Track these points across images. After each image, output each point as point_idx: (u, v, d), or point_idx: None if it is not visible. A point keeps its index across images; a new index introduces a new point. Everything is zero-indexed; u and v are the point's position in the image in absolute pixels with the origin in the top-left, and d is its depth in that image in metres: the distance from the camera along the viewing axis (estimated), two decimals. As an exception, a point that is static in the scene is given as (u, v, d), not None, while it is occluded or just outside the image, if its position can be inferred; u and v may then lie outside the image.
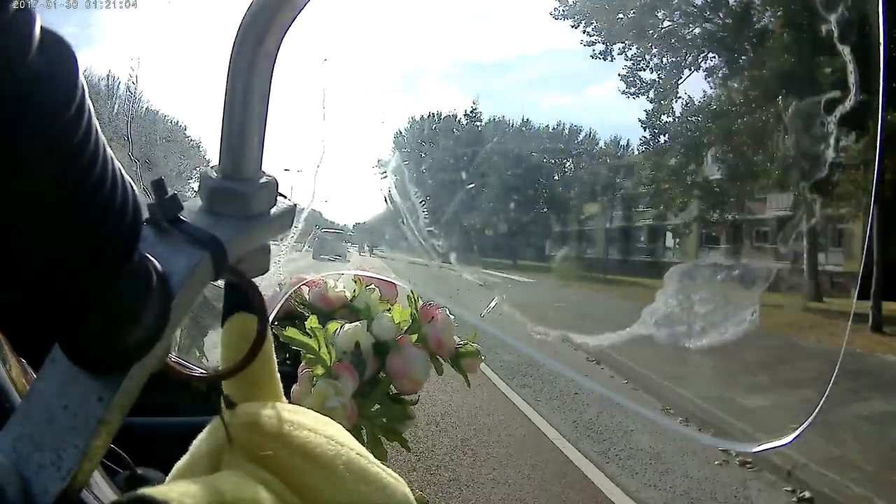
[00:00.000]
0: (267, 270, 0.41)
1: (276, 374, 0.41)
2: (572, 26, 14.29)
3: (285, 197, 0.39)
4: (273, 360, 0.41)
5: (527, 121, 24.77)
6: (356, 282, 0.87)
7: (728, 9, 13.08)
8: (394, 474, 0.39)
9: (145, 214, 0.31)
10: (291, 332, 0.74)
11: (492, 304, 0.95)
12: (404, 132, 24.71)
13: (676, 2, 13.77)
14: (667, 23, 13.99)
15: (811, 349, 6.68)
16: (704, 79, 14.46)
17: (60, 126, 0.23)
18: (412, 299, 0.82)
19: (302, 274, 0.89)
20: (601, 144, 23.37)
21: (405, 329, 0.80)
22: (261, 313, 0.38)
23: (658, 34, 14.03)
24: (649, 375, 5.33)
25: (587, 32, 14.37)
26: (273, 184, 0.38)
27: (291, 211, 0.40)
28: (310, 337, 0.74)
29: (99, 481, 0.38)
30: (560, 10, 14.38)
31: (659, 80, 14.43)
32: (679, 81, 14.35)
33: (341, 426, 0.39)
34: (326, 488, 0.35)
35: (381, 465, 0.38)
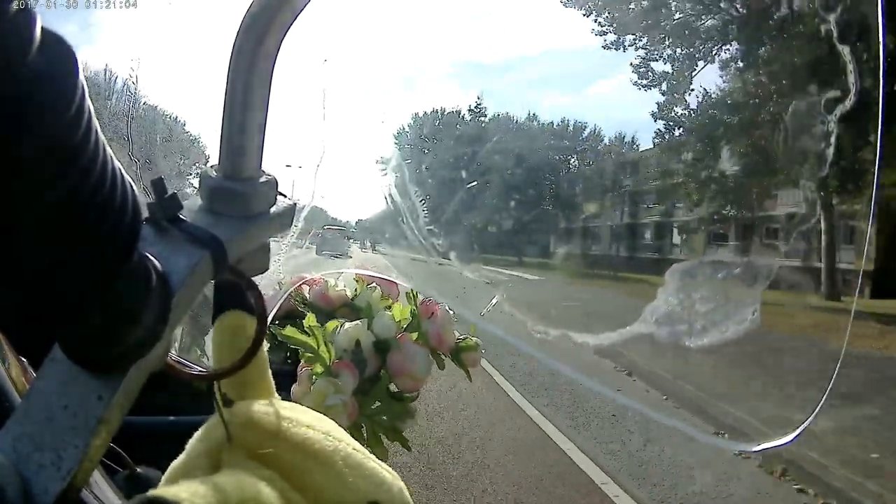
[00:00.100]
0: (267, 269, 0.41)
1: (269, 373, 0.41)
2: (584, 15, 14.08)
3: (285, 196, 0.39)
4: (266, 359, 0.41)
5: (533, 115, 24.57)
6: (357, 280, 0.87)
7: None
8: (390, 469, 0.39)
9: (145, 214, 0.31)
10: (290, 331, 0.74)
11: (493, 303, 0.95)
12: (407, 128, 24.57)
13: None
14: (678, 15, 13.69)
15: (855, 355, 5.83)
16: (720, 70, 14.05)
17: (60, 126, 0.23)
18: (411, 296, 0.82)
19: (304, 271, 0.89)
20: (605, 141, 23.27)
21: (405, 327, 0.80)
22: (260, 312, 0.38)
23: (671, 24, 13.66)
24: (701, 395, 4.62)
25: (598, 22, 14.14)
26: (273, 183, 0.38)
27: (291, 210, 0.40)
28: (308, 335, 0.74)
29: (99, 481, 0.38)
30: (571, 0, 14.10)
31: (673, 72, 14.04)
32: (693, 73, 13.96)
33: (336, 423, 0.40)
34: (326, 484, 0.35)
35: (378, 461, 0.39)
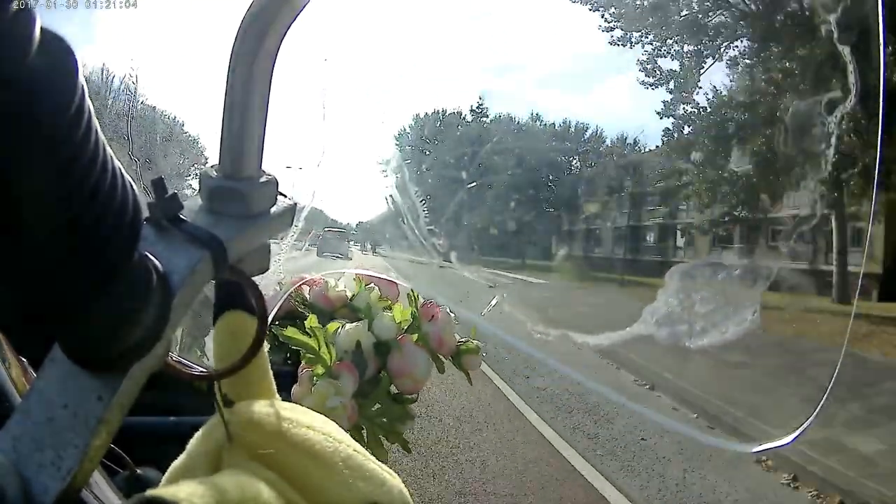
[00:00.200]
0: (267, 269, 0.41)
1: (270, 373, 0.41)
2: (590, 10, 14.05)
3: (285, 196, 0.39)
4: (266, 359, 0.41)
5: (537, 115, 24.43)
6: (357, 281, 0.87)
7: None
8: (390, 471, 0.39)
9: (145, 214, 0.31)
10: (291, 332, 0.74)
11: (492, 303, 0.95)
12: (408, 129, 24.50)
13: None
14: (685, 11, 13.59)
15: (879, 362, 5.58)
16: (727, 69, 13.73)
17: (60, 126, 0.23)
18: (412, 298, 0.82)
19: (304, 272, 0.89)
20: (608, 143, 23.23)
21: (406, 328, 0.80)
22: (261, 312, 0.38)
23: (679, 20, 13.52)
24: (726, 408, 4.36)
25: (605, 18, 14.04)
26: (273, 183, 0.38)
27: (291, 210, 0.40)
28: (309, 336, 0.74)
29: (99, 481, 0.38)
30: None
31: (680, 70, 13.83)
32: (702, 70, 13.73)
33: (337, 424, 0.40)
34: (327, 485, 0.35)
35: (377, 462, 0.39)
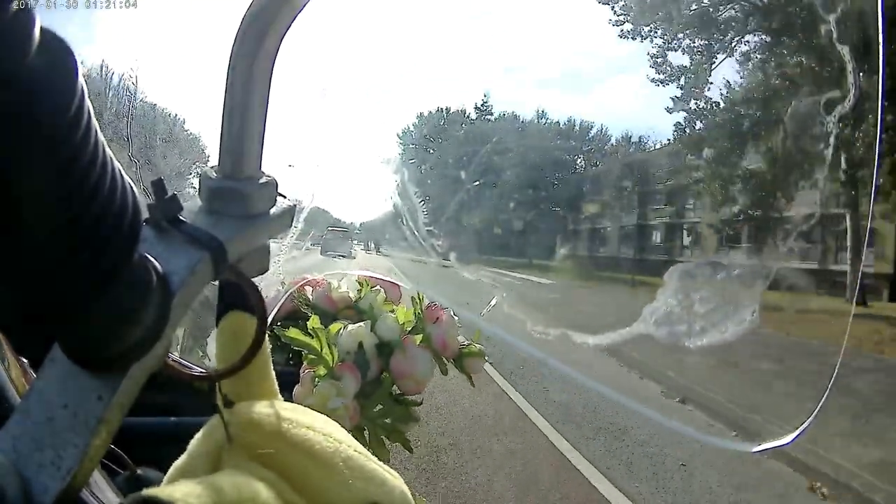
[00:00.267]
0: (267, 270, 0.41)
1: (272, 373, 0.41)
2: (600, 3, 14.12)
3: (285, 196, 0.40)
4: (269, 359, 0.41)
5: (542, 113, 24.35)
6: (360, 283, 0.87)
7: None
8: (391, 471, 0.39)
9: (145, 214, 0.31)
10: (293, 333, 0.74)
11: (492, 303, 0.94)
12: (412, 128, 24.41)
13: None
14: (695, 5, 13.50)
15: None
16: (737, 65, 13.74)
17: (60, 126, 0.23)
18: (416, 300, 0.82)
19: (306, 272, 0.89)
20: (612, 141, 23.21)
21: (409, 329, 0.80)
22: (260, 313, 0.38)
23: (689, 14, 13.49)
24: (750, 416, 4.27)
25: (615, 11, 14.30)
26: (273, 183, 0.38)
27: (291, 210, 0.40)
28: (311, 337, 0.74)
29: (99, 481, 0.38)
30: (590, -12, 14.13)
31: (691, 65, 13.79)
32: (713, 66, 13.66)
33: (338, 424, 0.39)
34: (327, 485, 0.35)
35: (379, 462, 0.38)
